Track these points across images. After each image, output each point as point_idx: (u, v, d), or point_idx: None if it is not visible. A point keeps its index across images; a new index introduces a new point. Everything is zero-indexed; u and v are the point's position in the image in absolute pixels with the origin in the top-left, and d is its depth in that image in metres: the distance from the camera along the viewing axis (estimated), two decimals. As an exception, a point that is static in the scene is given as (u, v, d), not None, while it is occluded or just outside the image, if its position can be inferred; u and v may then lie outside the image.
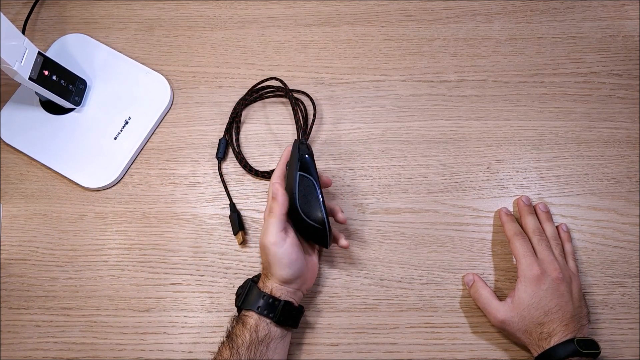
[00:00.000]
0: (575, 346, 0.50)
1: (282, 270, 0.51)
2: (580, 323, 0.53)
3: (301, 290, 0.54)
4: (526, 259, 0.55)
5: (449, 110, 0.67)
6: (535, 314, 0.52)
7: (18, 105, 0.66)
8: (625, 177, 0.63)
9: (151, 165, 0.65)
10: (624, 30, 0.71)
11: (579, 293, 0.55)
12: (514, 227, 0.59)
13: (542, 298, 0.53)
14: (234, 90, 0.68)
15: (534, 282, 0.53)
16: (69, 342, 0.58)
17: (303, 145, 0.54)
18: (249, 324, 0.50)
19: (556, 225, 0.60)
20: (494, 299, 0.55)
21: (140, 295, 0.59)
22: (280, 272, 0.51)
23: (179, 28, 0.72)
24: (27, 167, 0.65)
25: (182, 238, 0.62)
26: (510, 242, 0.58)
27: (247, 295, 0.52)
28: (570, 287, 0.54)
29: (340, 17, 0.72)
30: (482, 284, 0.57)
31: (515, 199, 0.62)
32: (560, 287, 0.53)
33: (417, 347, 0.57)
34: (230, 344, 0.49)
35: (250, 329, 0.50)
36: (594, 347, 0.51)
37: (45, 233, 0.62)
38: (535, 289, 0.53)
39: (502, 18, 0.71)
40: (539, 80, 0.68)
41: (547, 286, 0.53)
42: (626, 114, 0.66)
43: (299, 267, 0.52)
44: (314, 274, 0.56)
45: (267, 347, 0.50)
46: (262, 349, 0.49)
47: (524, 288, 0.54)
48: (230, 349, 0.49)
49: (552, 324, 0.52)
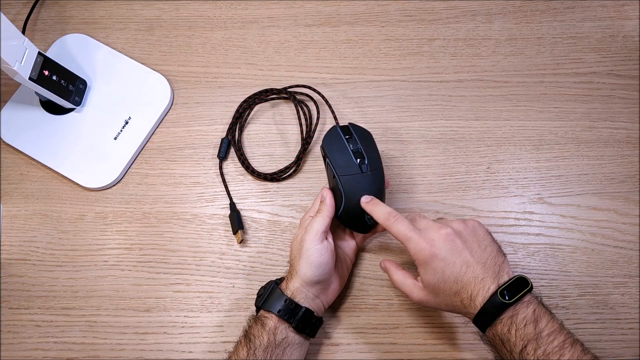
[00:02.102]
0: (500, 298, 0.45)
1: (309, 268, 0.51)
2: (495, 266, 0.47)
3: (321, 300, 0.53)
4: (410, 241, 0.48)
5: (449, 110, 0.67)
6: (447, 286, 0.47)
7: (18, 105, 0.66)
8: (625, 177, 0.63)
9: (151, 165, 0.65)
10: (624, 30, 0.71)
11: (481, 235, 0.49)
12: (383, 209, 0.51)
13: (443, 269, 0.47)
14: (234, 90, 0.68)
15: (428, 259, 0.47)
16: (69, 342, 0.58)
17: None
18: (268, 325, 0.50)
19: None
20: (407, 279, 0.51)
21: (140, 295, 0.59)
22: (306, 269, 0.51)
23: (179, 28, 0.72)
24: (27, 167, 0.65)
25: (182, 238, 0.62)
26: (388, 228, 0.50)
27: (269, 296, 0.52)
28: (466, 235, 0.49)
29: (340, 17, 0.72)
30: (394, 268, 0.52)
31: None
32: (455, 243, 0.47)
33: (417, 347, 0.57)
34: (247, 344, 0.49)
35: (269, 331, 0.49)
36: (524, 284, 0.46)
37: (45, 233, 0.62)
38: (433, 265, 0.47)
39: (502, 18, 0.71)
40: (539, 80, 0.68)
41: (443, 254, 0.47)
42: (626, 114, 0.66)
43: (325, 272, 0.52)
44: (337, 287, 0.56)
45: (283, 352, 0.49)
46: (278, 352, 0.49)
47: (423, 271, 0.48)
48: (247, 349, 0.49)
49: (469, 286, 0.46)
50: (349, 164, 0.54)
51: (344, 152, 0.54)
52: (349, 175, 0.54)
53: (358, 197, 0.53)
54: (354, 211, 0.54)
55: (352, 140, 0.55)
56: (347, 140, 0.55)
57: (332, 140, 0.56)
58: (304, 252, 0.51)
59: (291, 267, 0.53)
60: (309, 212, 0.56)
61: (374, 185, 0.54)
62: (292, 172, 0.64)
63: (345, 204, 0.54)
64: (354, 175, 0.54)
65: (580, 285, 0.59)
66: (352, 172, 0.54)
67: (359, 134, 0.56)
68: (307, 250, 0.51)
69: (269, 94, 0.67)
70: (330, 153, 0.55)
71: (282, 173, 0.63)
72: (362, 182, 0.54)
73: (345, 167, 0.54)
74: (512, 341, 0.44)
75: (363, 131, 0.57)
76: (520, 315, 0.45)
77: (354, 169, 0.54)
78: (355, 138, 0.55)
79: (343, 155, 0.54)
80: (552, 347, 0.44)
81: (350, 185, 0.53)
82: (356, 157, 0.54)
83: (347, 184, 0.53)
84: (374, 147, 0.57)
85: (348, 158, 0.54)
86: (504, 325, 0.45)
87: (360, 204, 0.53)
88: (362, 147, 0.55)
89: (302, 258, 0.51)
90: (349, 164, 0.54)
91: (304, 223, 0.55)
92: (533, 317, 0.45)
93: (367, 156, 0.54)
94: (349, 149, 0.54)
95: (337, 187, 0.54)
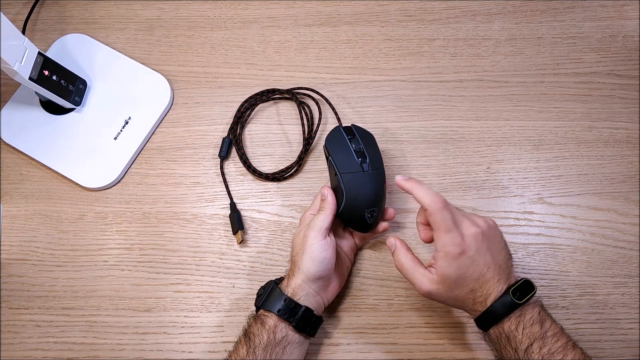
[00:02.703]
0: (512, 298, 0.46)
1: (312, 264, 0.51)
2: (508, 268, 0.49)
3: (321, 297, 0.53)
4: (453, 230, 0.48)
5: (449, 110, 0.67)
6: (465, 283, 0.48)
7: (18, 105, 0.66)
8: (625, 177, 0.63)
9: (151, 165, 0.65)
10: (624, 30, 0.71)
11: (499, 236, 0.50)
12: (428, 190, 0.49)
13: (469, 266, 0.47)
14: (234, 90, 0.68)
15: (457, 255, 0.47)
16: (69, 342, 0.58)
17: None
18: (268, 324, 0.50)
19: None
20: (418, 267, 0.50)
21: (140, 295, 0.59)
22: (309, 265, 0.51)
23: (179, 28, 0.72)
24: (27, 167, 0.65)
25: (182, 238, 0.62)
26: (431, 212, 0.48)
27: (269, 296, 0.52)
28: (491, 236, 0.49)
29: (340, 17, 0.72)
30: (404, 251, 0.51)
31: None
32: (483, 243, 0.48)
33: (417, 347, 0.57)
34: (247, 343, 0.49)
35: (268, 329, 0.50)
36: (529, 287, 0.47)
37: (45, 233, 0.62)
38: (461, 262, 0.47)
39: (502, 18, 0.71)
40: (539, 80, 0.68)
41: (472, 252, 0.47)
42: (626, 114, 0.66)
43: (327, 267, 0.52)
44: (337, 285, 0.56)
45: (283, 350, 0.49)
46: (278, 351, 0.49)
47: (447, 264, 0.47)
48: (247, 347, 0.49)
49: (486, 285, 0.48)
50: (350, 163, 0.54)
51: (346, 151, 0.55)
52: (350, 173, 0.54)
53: (359, 196, 0.54)
54: (354, 209, 0.54)
55: (355, 140, 0.56)
56: (349, 140, 0.56)
57: (335, 139, 0.57)
58: (307, 247, 0.52)
59: (293, 264, 0.53)
60: (308, 210, 0.56)
61: (375, 184, 0.55)
62: (293, 172, 0.64)
63: (346, 201, 0.54)
64: (355, 174, 0.54)
65: (580, 285, 0.59)
66: (354, 170, 0.54)
67: (362, 135, 0.57)
68: (310, 246, 0.51)
69: (270, 94, 0.67)
70: (333, 151, 0.55)
71: (284, 173, 0.63)
72: (363, 180, 0.54)
73: (347, 165, 0.54)
74: (519, 338, 0.46)
75: (365, 132, 0.58)
76: (527, 315, 0.46)
77: (356, 167, 0.54)
78: (358, 138, 0.56)
79: (345, 153, 0.55)
80: (557, 347, 0.45)
81: (352, 183, 0.54)
82: (358, 156, 0.55)
83: (349, 182, 0.54)
84: (376, 148, 0.57)
85: (350, 157, 0.55)
86: (511, 323, 0.46)
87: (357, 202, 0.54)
88: (364, 147, 0.55)
89: (305, 254, 0.52)
90: (351, 163, 0.54)
91: (304, 221, 0.55)
92: (539, 318, 0.47)
93: (368, 156, 0.55)
94: (351, 148, 0.55)
95: (338, 186, 0.54)
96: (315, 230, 0.52)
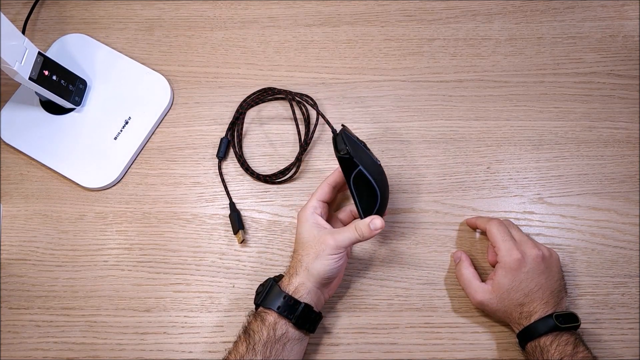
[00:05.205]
0: (554, 321, 0.51)
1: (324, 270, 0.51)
2: (559, 297, 0.54)
3: (322, 293, 0.54)
4: (505, 243, 0.54)
5: (449, 110, 0.67)
6: (515, 296, 0.53)
7: (18, 105, 0.66)
8: (625, 177, 0.63)
9: (151, 165, 0.65)
10: (624, 30, 0.71)
11: (557, 267, 0.55)
12: (486, 218, 0.59)
13: (522, 281, 0.53)
14: (234, 90, 0.68)
15: (515, 267, 0.53)
16: (69, 342, 0.58)
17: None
18: (268, 321, 0.50)
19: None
20: (475, 280, 0.56)
21: (140, 295, 0.59)
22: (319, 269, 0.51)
23: (179, 28, 0.72)
24: (27, 167, 0.65)
25: (182, 238, 0.62)
26: (488, 228, 0.57)
27: (268, 293, 0.52)
28: (550, 263, 0.54)
29: (340, 17, 0.72)
30: (467, 264, 0.57)
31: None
32: (540, 265, 0.53)
33: (417, 347, 0.57)
34: (247, 340, 0.49)
35: (268, 326, 0.50)
36: (574, 319, 0.52)
37: (45, 233, 0.62)
38: (516, 274, 0.53)
39: (502, 18, 0.71)
40: (539, 80, 0.68)
41: (527, 268, 0.53)
42: (626, 114, 0.66)
43: (337, 273, 0.53)
44: (338, 280, 0.56)
45: (283, 347, 0.50)
46: (278, 347, 0.49)
47: (504, 274, 0.53)
48: (247, 344, 0.49)
49: (533, 303, 0.52)
50: (373, 164, 0.53)
51: (365, 155, 0.53)
52: (378, 175, 0.53)
53: (386, 191, 0.54)
54: (385, 202, 0.55)
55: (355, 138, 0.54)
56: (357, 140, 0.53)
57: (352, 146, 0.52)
58: (324, 256, 0.51)
59: (297, 262, 0.53)
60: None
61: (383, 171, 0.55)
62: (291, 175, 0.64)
63: (381, 201, 0.53)
64: (380, 172, 0.54)
65: (580, 285, 0.59)
66: (378, 171, 0.54)
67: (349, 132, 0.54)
68: (327, 255, 0.51)
69: (269, 93, 0.67)
70: (359, 160, 0.51)
71: (282, 175, 0.63)
72: (381, 173, 0.54)
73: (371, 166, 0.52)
74: (551, 352, 0.50)
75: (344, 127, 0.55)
76: (564, 337, 0.51)
77: (377, 167, 0.54)
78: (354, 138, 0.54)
79: (366, 157, 0.53)
80: None
81: (381, 183, 0.54)
82: (369, 152, 0.54)
83: (379, 182, 0.53)
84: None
85: (369, 158, 0.53)
86: (547, 339, 0.51)
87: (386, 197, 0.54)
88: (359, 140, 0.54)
89: (320, 260, 0.51)
90: (373, 164, 0.53)
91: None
92: (574, 342, 0.51)
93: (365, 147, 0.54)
94: (366, 151, 0.53)
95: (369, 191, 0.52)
96: (339, 246, 0.51)
